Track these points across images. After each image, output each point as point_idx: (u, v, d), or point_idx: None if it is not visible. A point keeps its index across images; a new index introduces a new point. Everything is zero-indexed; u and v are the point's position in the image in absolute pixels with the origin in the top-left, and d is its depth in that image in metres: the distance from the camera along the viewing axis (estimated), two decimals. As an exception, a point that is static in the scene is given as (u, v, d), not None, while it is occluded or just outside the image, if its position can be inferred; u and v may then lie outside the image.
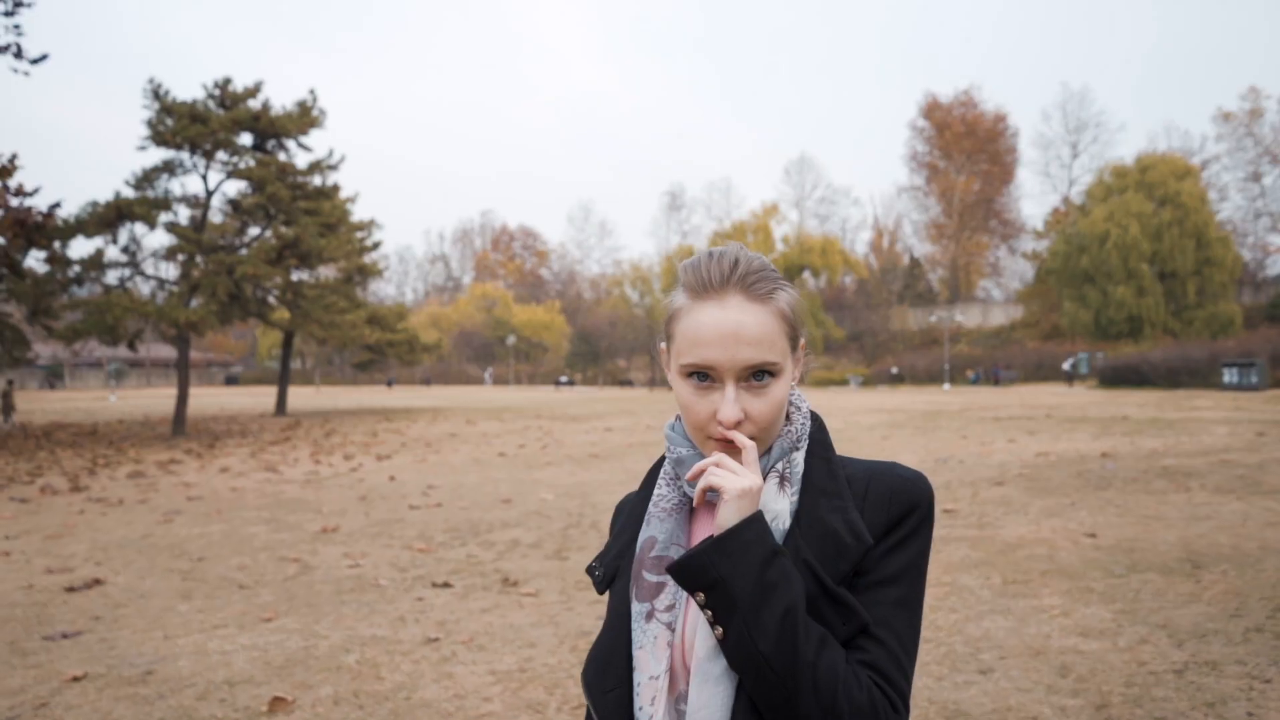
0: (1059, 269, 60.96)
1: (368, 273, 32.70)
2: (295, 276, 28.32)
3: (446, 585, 6.78)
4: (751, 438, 1.13)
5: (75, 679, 4.79)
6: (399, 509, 10.63)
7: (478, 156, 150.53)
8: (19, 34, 18.42)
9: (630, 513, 1.26)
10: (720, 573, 1.01)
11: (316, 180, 28.24)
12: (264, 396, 52.54)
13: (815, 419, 1.27)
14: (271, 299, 28.58)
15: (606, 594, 1.22)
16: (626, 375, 79.25)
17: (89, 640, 5.55)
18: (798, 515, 1.14)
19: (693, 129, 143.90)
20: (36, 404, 48.52)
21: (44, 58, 18.77)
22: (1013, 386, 52.04)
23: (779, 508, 1.13)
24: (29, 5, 18.38)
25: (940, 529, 8.37)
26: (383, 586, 6.81)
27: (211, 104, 25.92)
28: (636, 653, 1.11)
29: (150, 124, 24.88)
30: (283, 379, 33.40)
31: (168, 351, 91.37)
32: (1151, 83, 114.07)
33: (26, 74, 18.74)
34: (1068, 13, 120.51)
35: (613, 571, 1.21)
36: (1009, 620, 5.41)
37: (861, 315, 77.84)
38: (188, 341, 25.04)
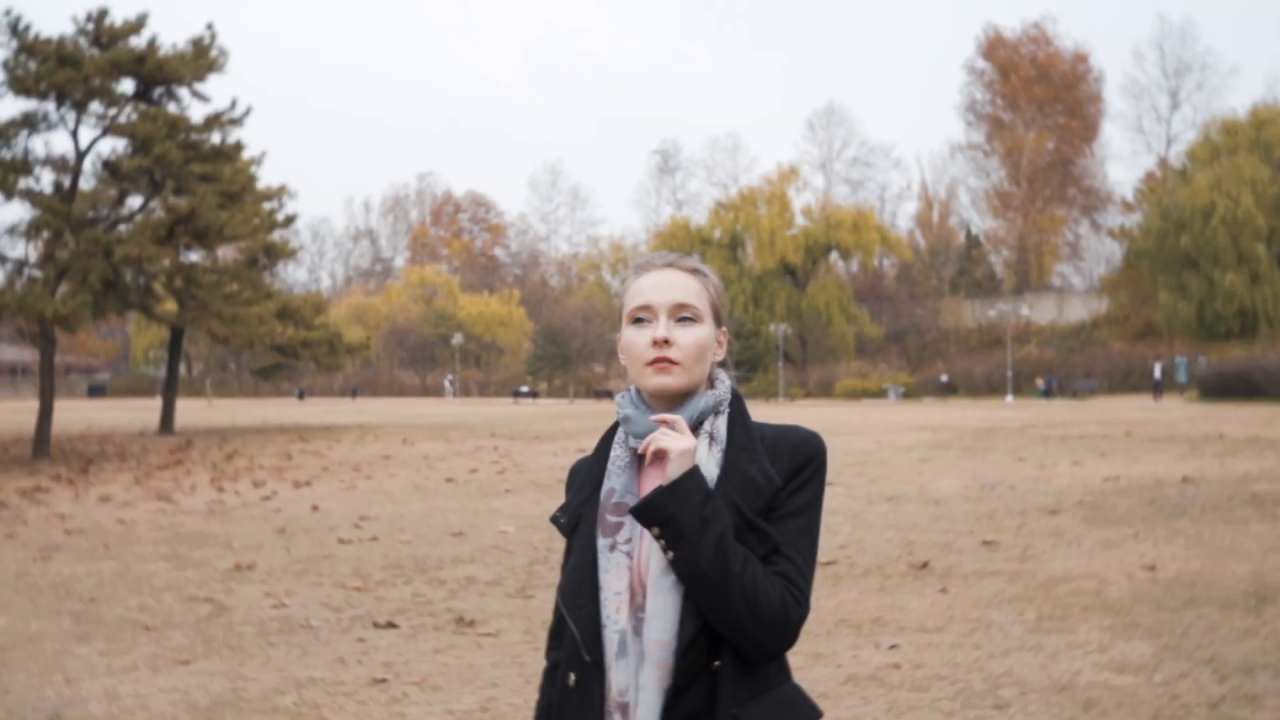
0: (1153, 251, 62.06)
1: (278, 254, 33.34)
2: (187, 259, 28.94)
3: (391, 625, 7.45)
4: (677, 363, 1.81)
5: (-29, 724, 5.45)
6: (326, 543, 11.29)
7: (414, 106, 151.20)
8: None
9: (588, 471, 1.95)
10: (671, 512, 1.69)
11: (215, 138, 28.90)
12: (142, 410, 52.99)
13: (736, 393, 1.96)
14: (157, 286, 29.16)
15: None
16: (604, 385, 79.96)
17: (-23, 685, 6.19)
18: (724, 467, 1.82)
19: (691, 71, 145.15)
20: None
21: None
22: (1092, 399, 53.08)
23: (709, 462, 1.81)
24: None
25: (973, 562, 9.15)
26: (315, 628, 7.47)
27: (84, 42, 26.50)
28: (603, 576, 1.78)
29: (6, 66, 25.47)
30: (169, 388, 33.95)
31: (11, 354, 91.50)
32: (1271, 16, 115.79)
33: None
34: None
35: (576, 518, 1.90)
36: (1037, 657, 6.13)
37: (904, 308, 78.61)
38: (53, 341, 25.62)
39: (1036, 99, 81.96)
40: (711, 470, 1.80)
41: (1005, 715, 5.13)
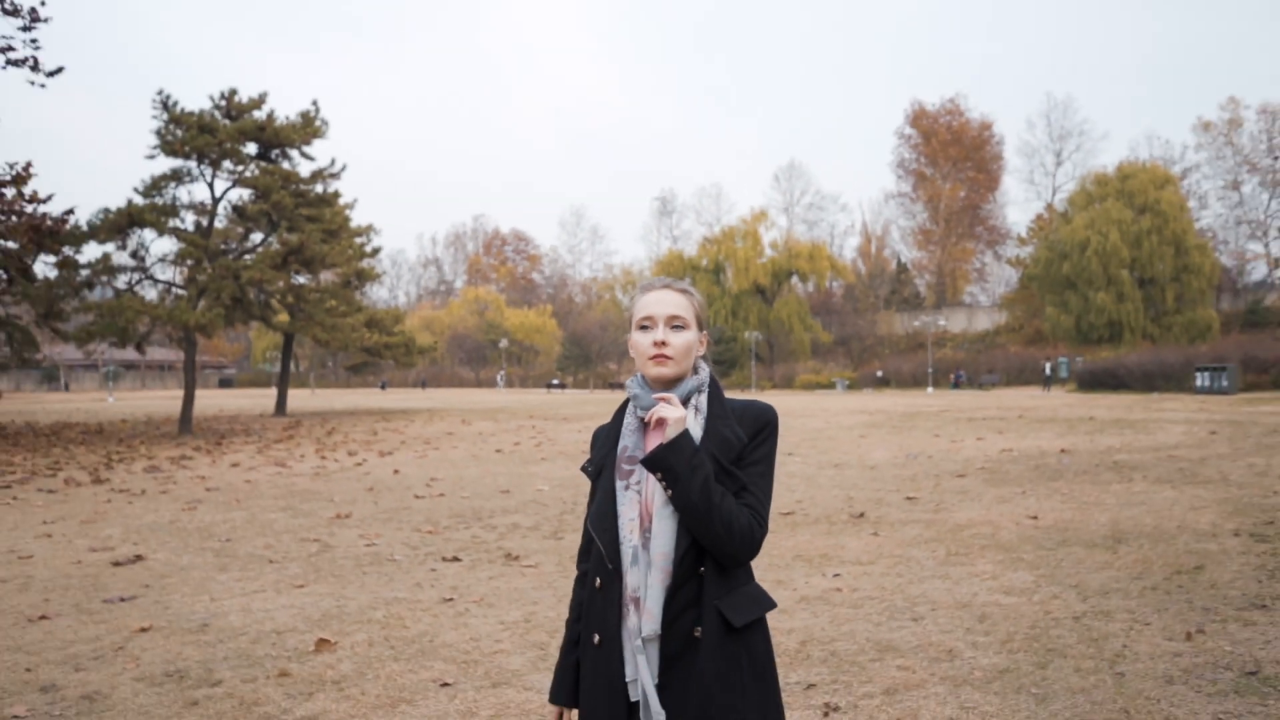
0: (1042, 275, 62.02)
1: (366, 277, 33.49)
2: (297, 281, 29.09)
3: (455, 559, 7.59)
4: (670, 358, 1.96)
5: (142, 630, 5.58)
6: (405, 499, 11.43)
7: (470, 162, 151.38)
8: (36, 47, 19.18)
9: (607, 434, 2.09)
10: (669, 461, 1.85)
11: (318, 188, 29.08)
12: (261, 398, 53.15)
13: (713, 378, 2.09)
14: (274, 302, 29.33)
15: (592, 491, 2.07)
16: (617, 378, 79.98)
17: (144, 602, 6.33)
18: (706, 430, 1.97)
19: (684, 135, 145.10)
20: (37, 404, 49.06)
21: (59, 70, 19.55)
22: (994, 390, 53.02)
23: (695, 426, 1.97)
24: (45, 21, 19.13)
25: (898, 513, 9.25)
26: (398, 561, 7.60)
27: (218, 115, 26.70)
28: (620, 508, 1.93)
29: (159, 134, 25.65)
30: (283, 380, 34.13)
31: (161, 354, 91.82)
32: (1133, 92, 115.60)
33: (43, 86, 19.52)
34: (1053, 23, 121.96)
35: (599, 467, 2.03)
36: (945, 583, 6.25)
37: (849, 320, 78.71)
38: (194, 343, 25.79)
39: (952, 158, 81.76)
40: (697, 432, 1.95)
41: (920, 625, 5.24)
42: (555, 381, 74.70)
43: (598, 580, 1.95)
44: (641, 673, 1.83)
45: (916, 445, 16.78)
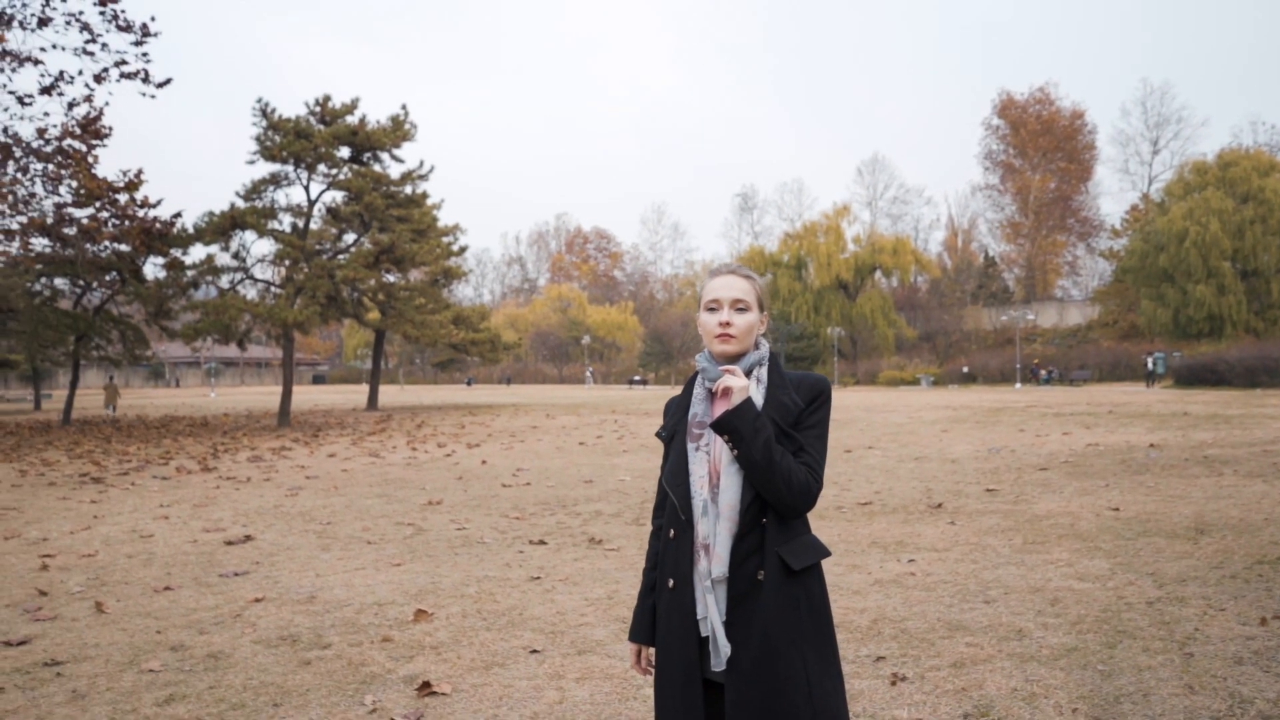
0: (1137, 267, 60.04)
1: (453, 275, 34.35)
2: (388, 279, 30.01)
3: (542, 543, 7.93)
4: (734, 336, 2.20)
5: (256, 600, 6.04)
6: (493, 487, 11.85)
7: (551, 162, 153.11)
8: (147, 61, 20.23)
9: (679, 403, 2.32)
10: (735, 425, 2.09)
11: (407, 189, 29.97)
12: (352, 394, 54.89)
13: (772, 353, 2.32)
14: (366, 300, 30.33)
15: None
16: (699, 374, 79.90)
17: (256, 577, 6.81)
18: (766, 399, 2.21)
19: (765, 130, 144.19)
20: (146, 399, 51.49)
21: (168, 82, 20.60)
22: (1085, 386, 51.61)
23: (757, 394, 2.21)
24: (155, 36, 20.18)
25: (977, 504, 9.29)
26: (487, 543, 7.98)
27: (313, 120, 27.75)
28: (691, 466, 2.18)
29: (259, 140, 26.79)
30: (374, 376, 35.24)
31: (259, 352, 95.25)
32: (1237, 76, 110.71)
33: (153, 97, 20.58)
34: (1150, 4, 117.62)
35: (673, 432, 2.28)
36: (1020, 570, 6.33)
37: (934, 315, 77.34)
38: (292, 340, 26.84)
39: (1041, 148, 79.72)
40: (758, 399, 2.19)
41: (992, 607, 5.36)
42: (637, 378, 75.13)
43: (671, 531, 2.20)
44: (711, 611, 2.08)
45: (1000, 440, 16.61)
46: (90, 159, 22.07)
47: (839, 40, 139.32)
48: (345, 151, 28.75)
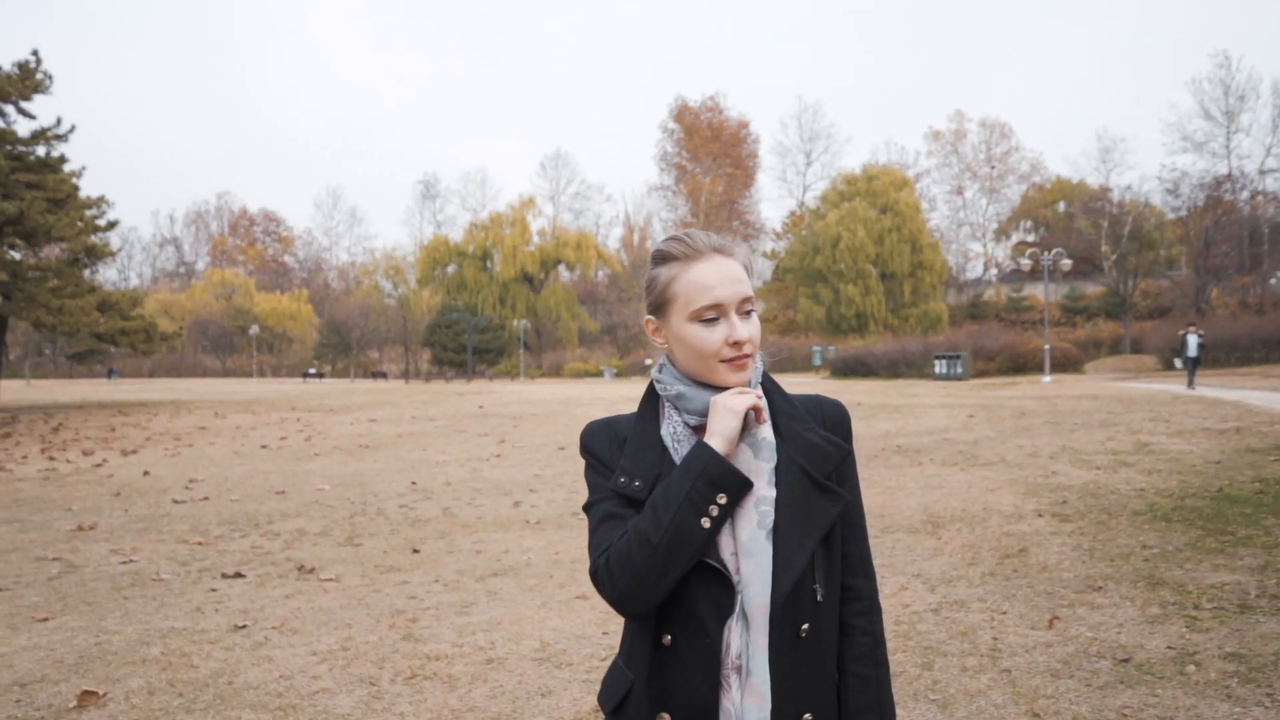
0: (796, 268, 65.52)
1: (98, 254, 29.86)
2: (12, 255, 25.39)
3: (238, 575, 6.56)
4: (750, 356, 1.46)
5: None
6: (162, 504, 10.01)
7: (216, 138, 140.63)
8: None
9: (642, 438, 1.49)
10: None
11: (41, 150, 25.48)
12: (-37, 391, 46.53)
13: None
14: (-19, 280, 25.50)
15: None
16: (379, 367, 76.92)
17: None
18: (778, 432, 1.47)
19: (451, 120, 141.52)
20: None
21: None
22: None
23: (766, 428, 1.46)
24: None
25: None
26: (166, 580, 6.48)
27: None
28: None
29: None
30: (-6, 370, 29.93)
31: None
32: (873, 100, 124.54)
33: None
34: (803, 27, 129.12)
35: (654, 479, 1.44)
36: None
37: (615, 309, 79.75)
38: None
39: (712, 153, 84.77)
40: (767, 435, 1.45)
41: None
42: (312, 370, 70.82)
43: (668, 636, 1.42)
44: None
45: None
46: None
47: (525, 33, 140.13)
48: (-47, 99, 23.99)
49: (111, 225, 30.07)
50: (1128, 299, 54.28)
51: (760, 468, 1.41)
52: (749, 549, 1.38)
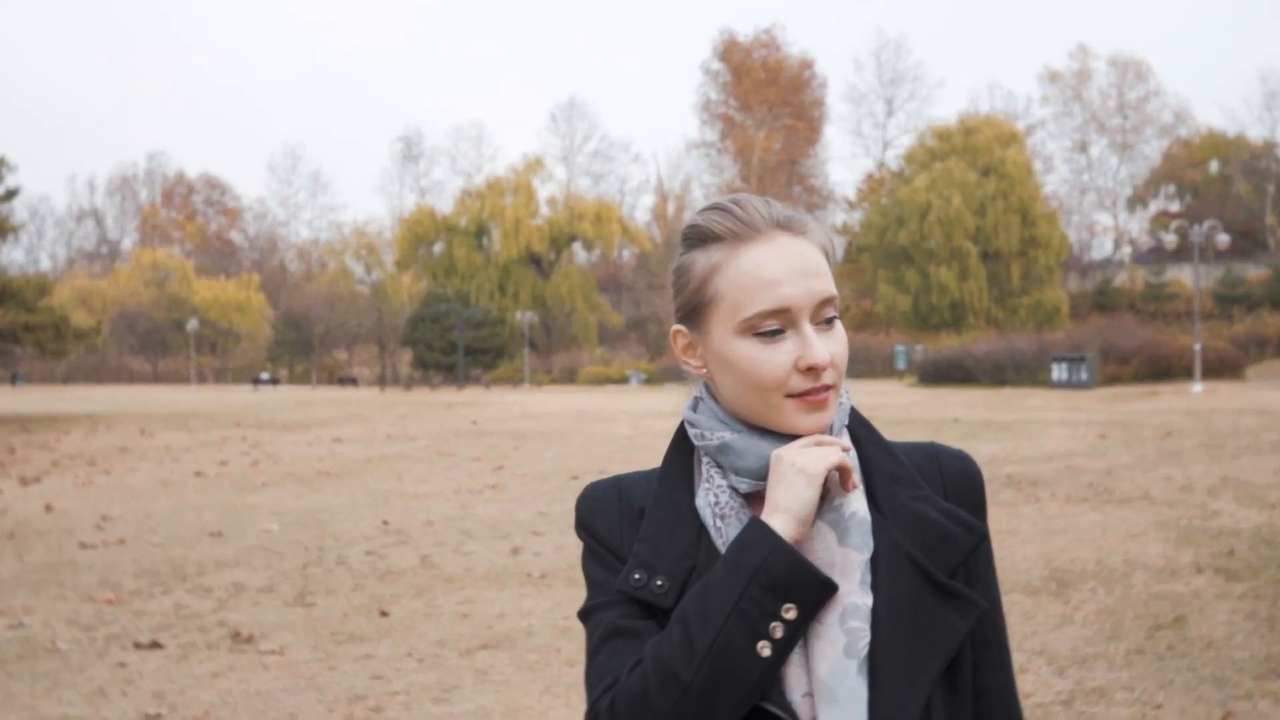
0: (873, 246, 65.19)
1: (-3, 230, 30.25)
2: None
3: (155, 645, 6.45)
4: (832, 387, 1.21)
5: None
6: (66, 548, 10.00)
7: (142, 82, 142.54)
8: None
9: (667, 511, 1.26)
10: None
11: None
12: None
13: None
14: None
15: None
16: (348, 372, 77.59)
17: None
18: (875, 504, 1.23)
19: (441, 65, 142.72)
20: None
21: None
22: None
23: (858, 498, 1.23)
24: None
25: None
26: (63, 651, 6.39)
27: None
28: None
29: None
30: None
31: None
32: (973, 34, 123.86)
33: None
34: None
35: (683, 581, 1.22)
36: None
37: (643, 298, 79.70)
38: None
39: (767, 101, 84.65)
40: (860, 509, 1.23)
41: None
42: (265, 375, 71.52)
43: None
44: None
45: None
46: None
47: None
48: None
49: (12, 194, 30.37)
50: (1301, 285, 53.55)
51: (850, 561, 1.18)
52: (831, 688, 1.14)
